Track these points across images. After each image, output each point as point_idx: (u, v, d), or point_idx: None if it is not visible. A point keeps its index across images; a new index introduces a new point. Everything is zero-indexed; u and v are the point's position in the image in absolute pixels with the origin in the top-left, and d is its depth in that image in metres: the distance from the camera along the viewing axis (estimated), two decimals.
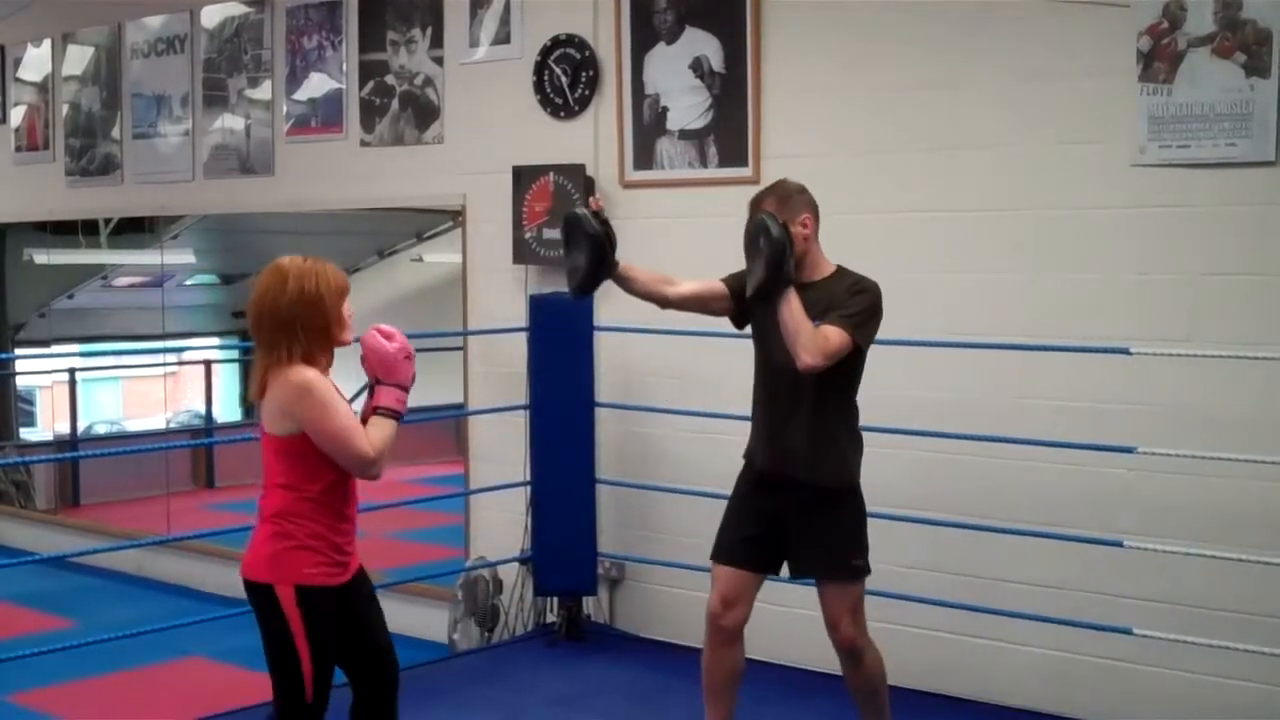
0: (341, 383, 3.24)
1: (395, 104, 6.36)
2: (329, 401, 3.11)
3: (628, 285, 3.85)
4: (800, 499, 3.74)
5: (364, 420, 3.23)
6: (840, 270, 3.79)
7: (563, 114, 5.77)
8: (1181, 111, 4.27)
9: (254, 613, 3.23)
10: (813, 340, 3.57)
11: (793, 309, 3.58)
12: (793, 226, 3.66)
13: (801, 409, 3.71)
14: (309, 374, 3.13)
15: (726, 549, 3.86)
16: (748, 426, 3.94)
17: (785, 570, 3.88)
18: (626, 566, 5.71)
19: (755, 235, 3.60)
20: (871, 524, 3.90)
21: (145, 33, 7.57)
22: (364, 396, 3.31)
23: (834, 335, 3.60)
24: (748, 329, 3.94)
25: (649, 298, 3.90)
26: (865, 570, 3.80)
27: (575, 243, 3.74)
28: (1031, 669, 4.68)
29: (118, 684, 5.73)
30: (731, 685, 3.90)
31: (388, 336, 3.25)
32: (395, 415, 3.20)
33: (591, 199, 4.07)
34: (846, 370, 3.70)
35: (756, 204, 3.76)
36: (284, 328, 3.12)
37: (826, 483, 3.74)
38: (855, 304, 3.67)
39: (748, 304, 3.81)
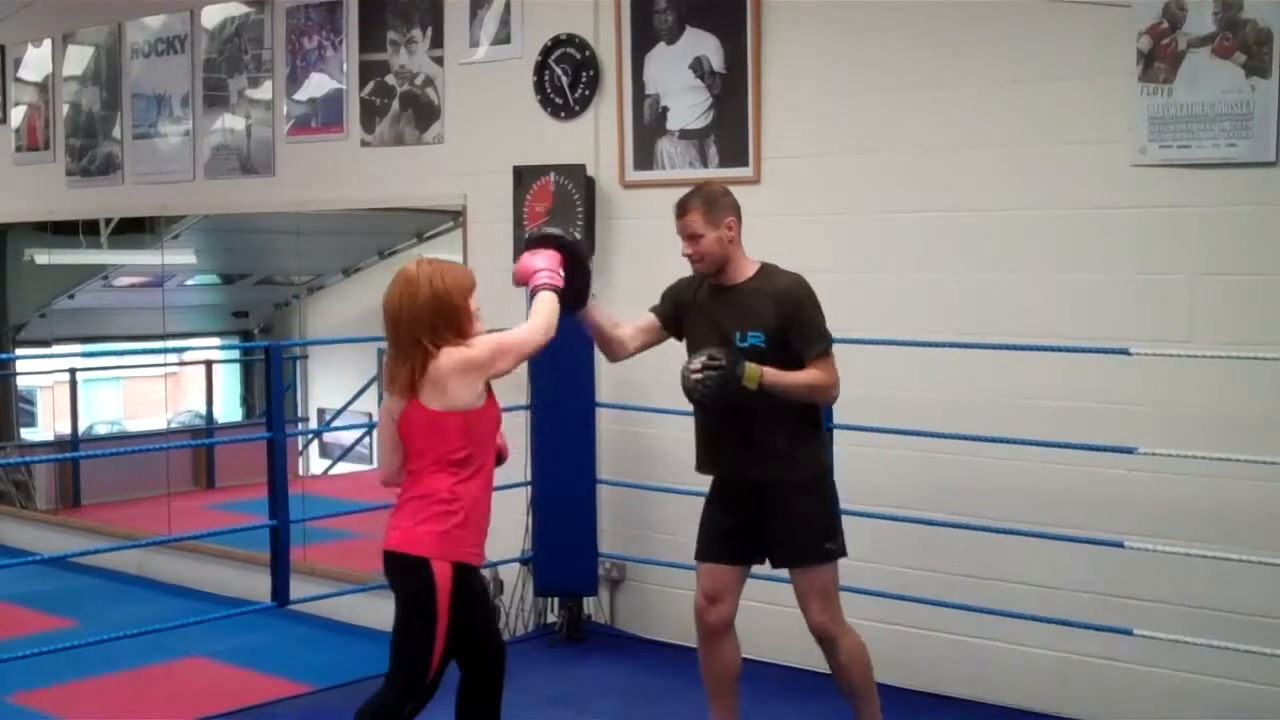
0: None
1: (396, 104, 6.36)
2: (486, 341, 3.33)
3: (589, 318, 3.91)
4: (774, 493, 3.77)
5: None
6: (764, 268, 3.83)
7: (563, 114, 5.77)
8: (1182, 112, 4.27)
9: (396, 586, 3.28)
10: (827, 387, 3.74)
11: (789, 385, 3.67)
12: (718, 230, 3.76)
13: (767, 412, 3.71)
14: (458, 347, 3.30)
15: (705, 547, 3.90)
16: None
17: (767, 563, 3.89)
18: (627, 566, 5.71)
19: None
20: (870, 524, 3.91)
21: (145, 33, 7.57)
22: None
23: (828, 366, 3.73)
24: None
25: (604, 342, 3.99)
26: (838, 553, 3.81)
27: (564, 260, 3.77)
28: (1031, 669, 4.68)
29: (118, 684, 5.73)
30: (730, 682, 3.91)
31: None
32: (545, 289, 3.44)
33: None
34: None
35: (683, 207, 3.81)
36: (424, 327, 3.29)
37: (800, 476, 3.78)
38: (810, 321, 3.74)
39: (677, 322, 3.95)
